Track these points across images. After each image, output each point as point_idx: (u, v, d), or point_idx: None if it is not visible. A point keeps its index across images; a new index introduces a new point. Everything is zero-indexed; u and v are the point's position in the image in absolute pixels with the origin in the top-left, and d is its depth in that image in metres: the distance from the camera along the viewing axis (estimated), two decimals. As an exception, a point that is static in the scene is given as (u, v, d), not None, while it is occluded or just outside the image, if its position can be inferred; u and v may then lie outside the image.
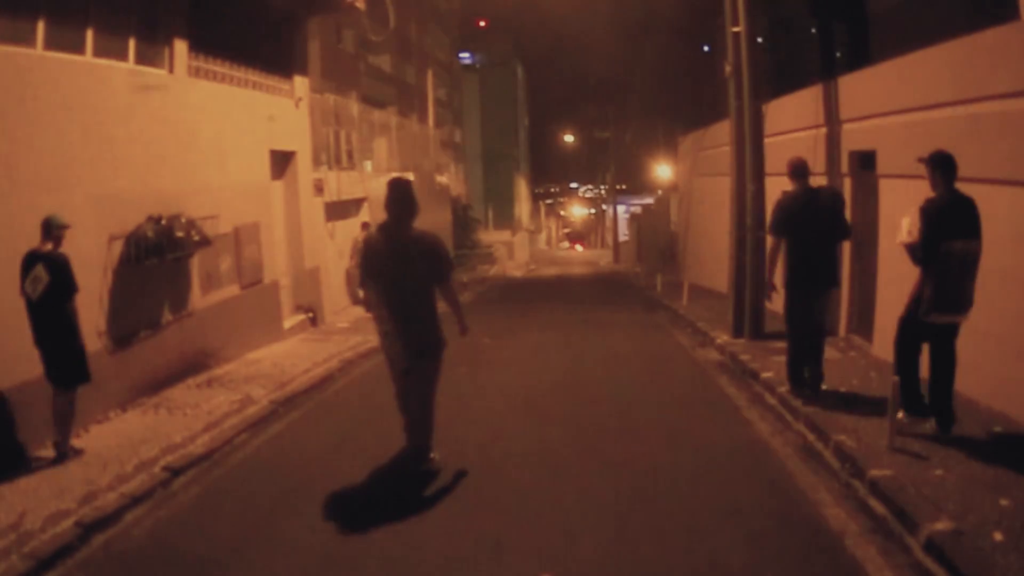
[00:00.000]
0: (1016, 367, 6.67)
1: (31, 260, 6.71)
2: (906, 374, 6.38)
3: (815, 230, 7.53)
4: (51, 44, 7.72)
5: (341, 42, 24.07)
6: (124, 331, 8.47)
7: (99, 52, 8.47)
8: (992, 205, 7.05)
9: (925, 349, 6.38)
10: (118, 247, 8.45)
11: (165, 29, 9.76)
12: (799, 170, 7.77)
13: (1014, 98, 6.63)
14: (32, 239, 7.13)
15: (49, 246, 6.83)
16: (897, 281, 8.83)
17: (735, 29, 10.79)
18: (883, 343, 9.21)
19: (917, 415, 6.39)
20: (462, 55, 64.02)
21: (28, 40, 7.47)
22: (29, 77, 7.35)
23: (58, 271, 6.71)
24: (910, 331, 6.37)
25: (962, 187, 7.48)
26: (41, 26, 7.58)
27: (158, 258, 8.93)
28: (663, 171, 33.72)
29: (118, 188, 8.55)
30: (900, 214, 8.65)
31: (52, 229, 6.85)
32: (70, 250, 7.66)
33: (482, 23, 75.67)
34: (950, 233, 5.93)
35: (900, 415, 6.32)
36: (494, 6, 70.33)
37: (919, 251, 6.11)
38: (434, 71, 36.50)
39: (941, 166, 6.12)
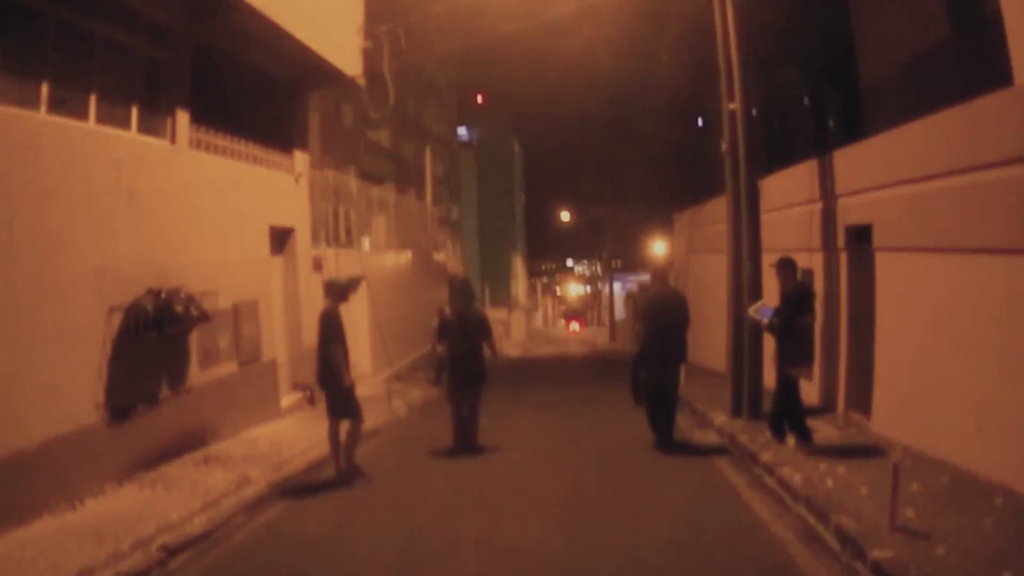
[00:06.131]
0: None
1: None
2: (793, 414, 8.77)
3: (670, 319, 9.96)
4: (54, 108, 7.76)
5: (340, 117, 24.37)
6: (122, 404, 8.40)
7: (102, 118, 8.53)
8: (988, 274, 7.09)
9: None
10: (117, 319, 8.43)
11: (168, 98, 9.86)
12: (661, 274, 10.99)
13: (1010, 166, 6.67)
14: (32, 305, 7.15)
15: (327, 303, 8.80)
16: (896, 356, 8.86)
17: (731, 106, 10.76)
18: (883, 419, 9.15)
19: (808, 440, 8.67)
20: (459, 131, 64.84)
21: (32, 103, 7.51)
22: (33, 141, 7.36)
23: (326, 324, 8.66)
24: (784, 385, 8.75)
25: (958, 257, 7.61)
26: (45, 89, 7.64)
27: (157, 332, 8.89)
28: (659, 248, 33.78)
29: (118, 259, 8.56)
30: (898, 287, 8.78)
31: (330, 290, 8.95)
32: (69, 320, 7.69)
33: (480, 99, 76.78)
34: (800, 312, 8.60)
35: (792, 442, 8.76)
36: (492, 83, 71.64)
37: (780, 327, 8.66)
38: (432, 147, 36.91)
39: (788, 267, 8.88)
